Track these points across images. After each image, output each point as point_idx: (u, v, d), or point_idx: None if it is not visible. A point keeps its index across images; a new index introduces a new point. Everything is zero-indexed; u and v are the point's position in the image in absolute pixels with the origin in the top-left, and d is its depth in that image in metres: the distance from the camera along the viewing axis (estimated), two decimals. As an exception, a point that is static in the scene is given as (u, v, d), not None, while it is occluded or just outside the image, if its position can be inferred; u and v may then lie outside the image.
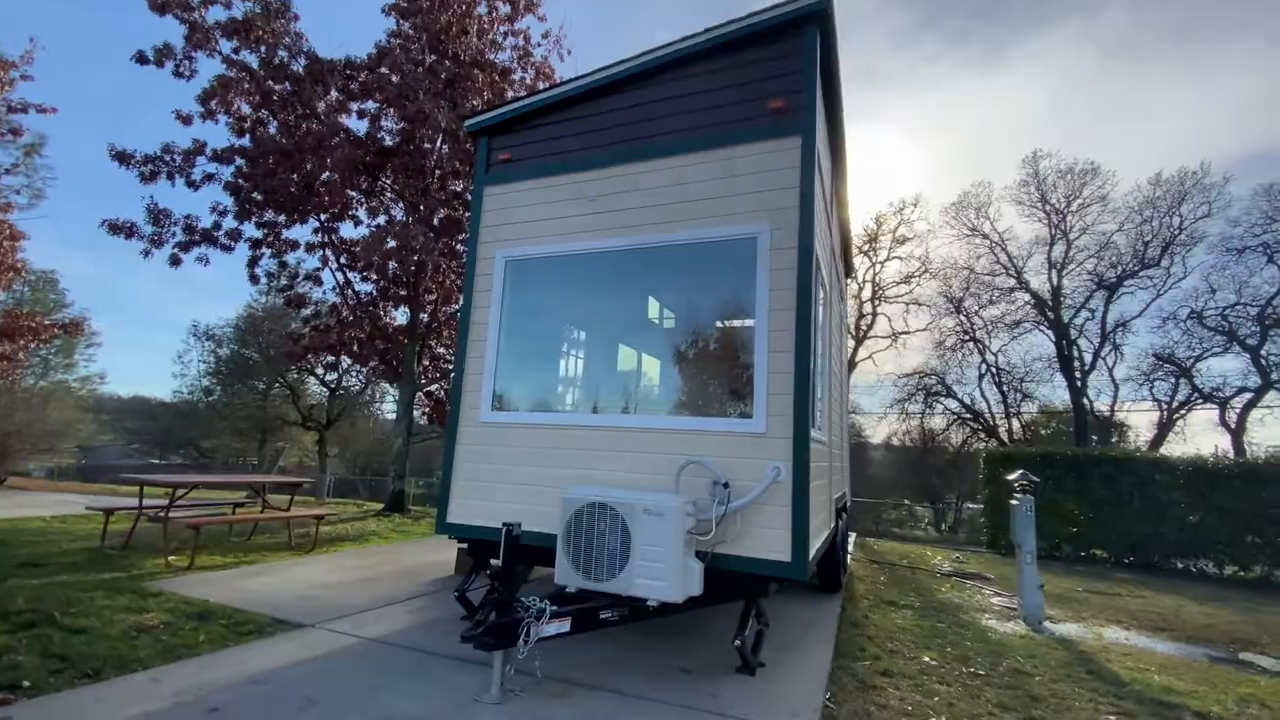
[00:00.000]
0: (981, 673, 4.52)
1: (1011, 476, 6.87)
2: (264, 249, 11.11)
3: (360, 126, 10.70)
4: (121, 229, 9.71)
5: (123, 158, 9.70)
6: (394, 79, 9.79)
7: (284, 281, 11.83)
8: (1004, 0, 38.84)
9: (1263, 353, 17.77)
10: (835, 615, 5.85)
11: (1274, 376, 17.65)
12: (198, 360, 35.16)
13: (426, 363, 13.41)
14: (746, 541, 4.05)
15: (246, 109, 10.72)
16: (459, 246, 12.57)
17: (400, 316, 13.69)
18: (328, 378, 34.48)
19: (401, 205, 10.84)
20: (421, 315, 12.07)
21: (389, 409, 39.90)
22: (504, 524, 3.62)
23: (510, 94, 11.05)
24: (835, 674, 4.23)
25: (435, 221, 10.42)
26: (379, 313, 12.10)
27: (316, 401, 36.26)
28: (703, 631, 4.87)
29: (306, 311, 12.13)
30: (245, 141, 10.73)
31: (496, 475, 4.94)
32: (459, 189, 11.19)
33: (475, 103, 10.22)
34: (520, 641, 3.30)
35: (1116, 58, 37.04)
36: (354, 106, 10.69)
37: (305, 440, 40.70)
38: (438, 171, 10.79)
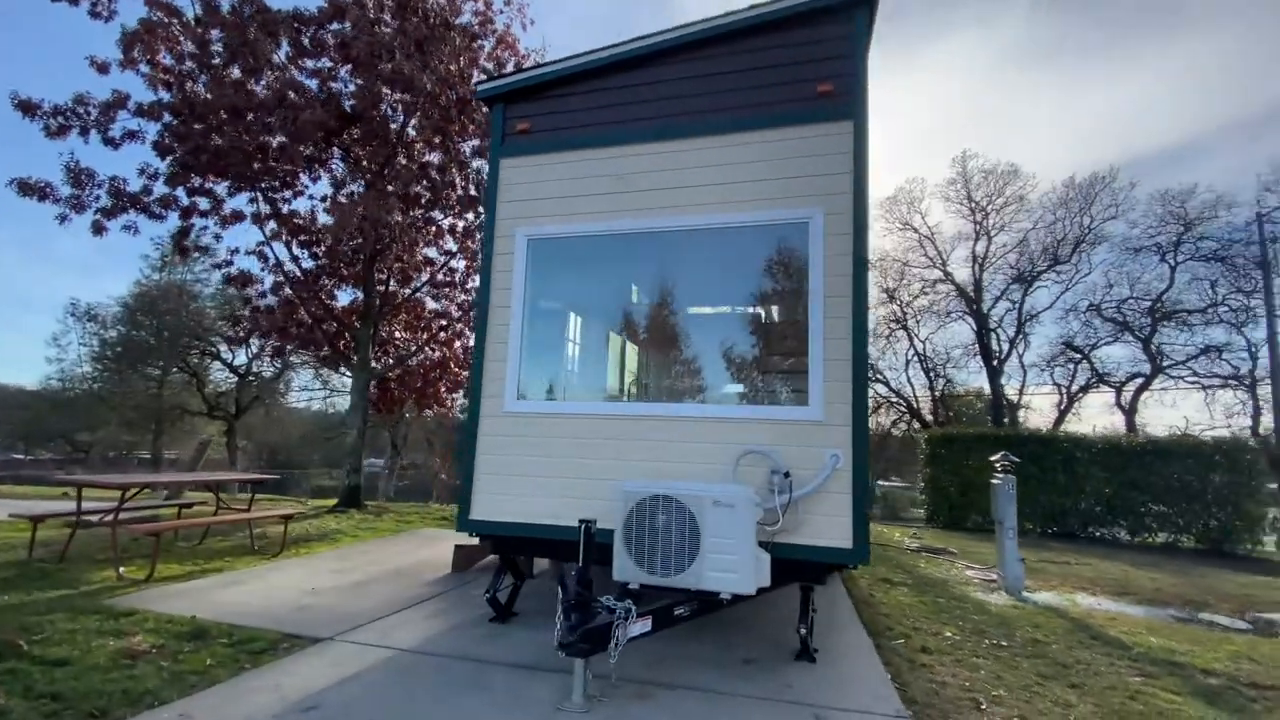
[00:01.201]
0: (1004, 644, 4.75)
1: (994, 458, 7.30)
2: (195, 219, 9.86)
3: (309, 86, 9.66)
4: (34, 190, 8.26)
5: (27, 108, 8.22)
6: (362, 36, 8.83)
7: (218, 256, 10.58)
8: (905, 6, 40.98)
9: (1152, 342, 20.01)
10: (844, 595, 6.00)
11: (1162, 363, 19.93)
12: (78, 343, 31.30)
13: (375, 348, 12.56)
14: (807, 530, 4.03)
15: (169, 60, 9.45)
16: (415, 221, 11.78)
17: (343, 298, 12.75)
18: (236, 362, 31.88)
19: (362, 177, 9.91)
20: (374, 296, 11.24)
21: (300, 397, 37.43)
22: (581, 520, 3.41)
23: (481, 61, 10.38)
24: (881, 654, 4.32)
25: (407, 194, 9.62)
26: (329, 293, 11.12)
27: (224, 389, 33.34)
28: (741, 620, 4.83)
29: (251, 291, 10.93)
30: (167, 96, 9.49)
31: (524, 468, 4.65)
32: (425, 160, 10.37)
33: (452, 68, 9.50)
34: (611, 645, 3.11)
35: (1020, 63, 40.03)
36: (308, 64, 9.63)
37: (210, 431, 37.42)
38: (404, 140, 9.96)
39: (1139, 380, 20.62)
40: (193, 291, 31.43)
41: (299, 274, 10.68)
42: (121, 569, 5.50)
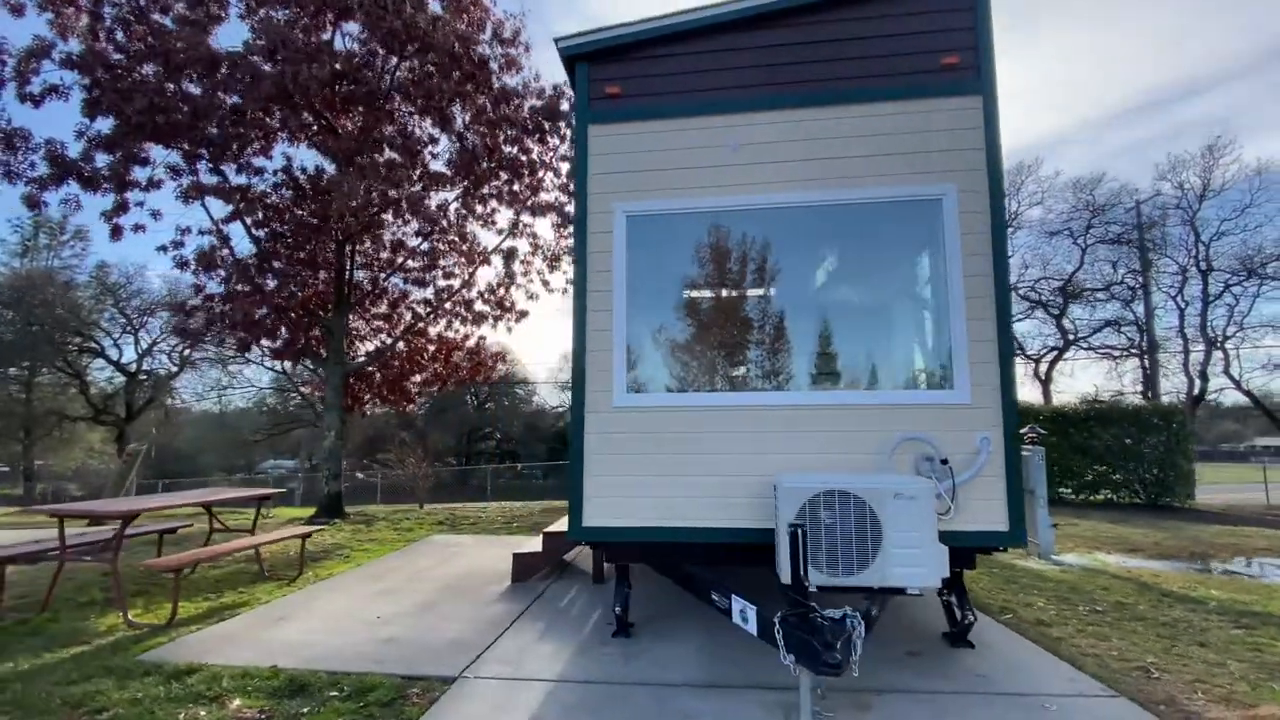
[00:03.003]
0: (1099, 610, 4.95)
1: (1022, 430, 7.62)
2: (137, 191, 8.27)
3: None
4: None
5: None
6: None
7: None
8: None
9: (1065, 318, 22.08)
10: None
11: (1071, 337, 22.05)
12: (-81, 342, 26.62)
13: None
14: (964, 515, 3.94)
15: (87, 2, 7.86)
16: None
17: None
18: (124, 359, 28.35)
19: (340, 147, 8.66)
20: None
21: (189, 398, 34.01)
22: (791, 525, 3.11)
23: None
24: (1011, 630, 4.35)
25: (411, 164, 8.56)
26: (298, 279, 9.80)
27: (111, 390, 29.43)
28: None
29: (208, 277, 9.35)
30: (77, 45, 7.91)
31: (642, 467, 4.25)
32: (413, 129, 9.26)
33: (458, 26, 8.49)
34: (854, 657, 2.86)
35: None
36: (277, 15, 8.20)
37: (92, 438, 33.01)
38: (392, 103, 8.81)
39: (1053, 353, 22.72)
40: (64, 279, 27.58)
41: (263, 257, 9.30)
42: (131, 614, 4.56)
